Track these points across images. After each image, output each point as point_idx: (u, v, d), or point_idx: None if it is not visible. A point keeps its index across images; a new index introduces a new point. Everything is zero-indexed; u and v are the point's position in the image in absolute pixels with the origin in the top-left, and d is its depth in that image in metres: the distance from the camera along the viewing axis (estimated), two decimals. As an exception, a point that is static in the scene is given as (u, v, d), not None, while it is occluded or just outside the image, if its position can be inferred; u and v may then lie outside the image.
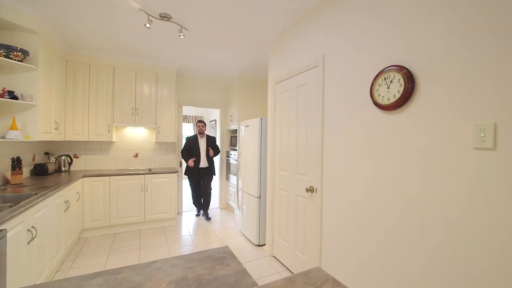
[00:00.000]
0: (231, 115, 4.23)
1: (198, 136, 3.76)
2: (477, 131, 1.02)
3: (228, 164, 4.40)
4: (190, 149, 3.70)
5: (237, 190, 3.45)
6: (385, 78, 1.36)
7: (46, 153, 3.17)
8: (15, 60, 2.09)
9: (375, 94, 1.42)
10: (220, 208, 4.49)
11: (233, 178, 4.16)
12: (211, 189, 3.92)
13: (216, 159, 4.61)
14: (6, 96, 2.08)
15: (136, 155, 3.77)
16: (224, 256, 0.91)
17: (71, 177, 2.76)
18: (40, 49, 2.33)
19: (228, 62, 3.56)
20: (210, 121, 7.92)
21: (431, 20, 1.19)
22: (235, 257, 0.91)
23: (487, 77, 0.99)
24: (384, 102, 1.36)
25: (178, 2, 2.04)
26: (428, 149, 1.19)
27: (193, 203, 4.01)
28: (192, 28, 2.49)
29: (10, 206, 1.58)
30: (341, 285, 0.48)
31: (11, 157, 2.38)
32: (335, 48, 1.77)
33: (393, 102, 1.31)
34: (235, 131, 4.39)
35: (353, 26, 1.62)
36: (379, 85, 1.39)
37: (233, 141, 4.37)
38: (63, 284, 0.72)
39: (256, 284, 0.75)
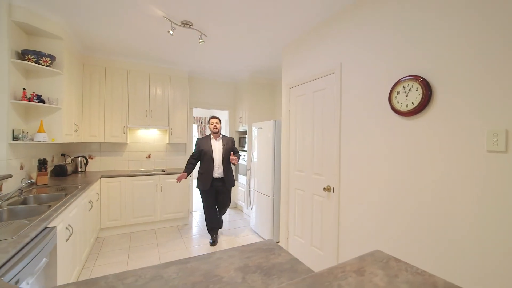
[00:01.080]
0: (240, 117, 4.34)
1: (211, 136, 2.90)
2: (490, 136, 1.15)
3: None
4: (201, 154, 2.85)
5: (249, 190, 3.56)
6: (403, 87, 1.49)
7: (63, 155, 3.25)
8: (43, 65, 2.18)
9: (394, 101, 1.54)
10: (229, 208, 4.60)
11: (242, 178, 4.27)
12: (229, 203, 3.07)
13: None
14: (35, 100, 2.17)
15: (149, 156, 3.86)
16: (273, 247, 1.03)
17: (90, 178, 2.84)
18: (64, 54, 2.42)
19: (239, 65, 3.67)
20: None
21: (446, 34, 1.32)
22: (282, 248, 1.02)
23: (499, 87, 1.13)
24: (403, 108, 1.49)
25: (200, 10, 2.15)
26: (444, 152, 1.32)
27: (207, 226, 3.00)
28: (210, 34, 2.60)
29: (49, 206, 1.67)
30: (402, 261, 0.59)
31: (35, 158, 2.46)
32: (353, 56, 1.89)
33: (411, 109, 1.44)
34: (243, 132, 4.50)
35: (371, 36, 1.74)
36: (398, 92, 1.52)
37: (241, 142, 4.49)
38: (143, 272, 0.83)
39: (310, 269, 0.86)
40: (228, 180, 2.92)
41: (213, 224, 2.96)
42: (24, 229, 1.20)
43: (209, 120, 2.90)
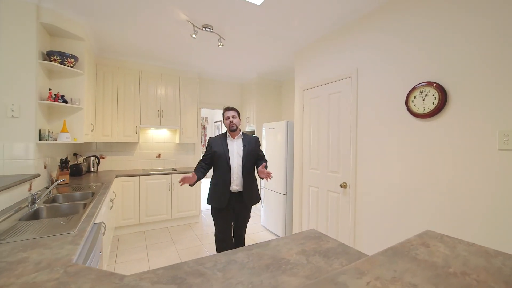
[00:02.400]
0: (248, 117, 4.45)
1: (227, 134, 2.06)
2: (501, 136, 1.32)
3: (242, 163, 4.61)
4: (213, 158, 2.02)
5: (260, 188, 3.68)
6: (420, 92, 1.64)
7: (75, 154, 3.26)
8: (68, 66, 2.21)
9: (411, 105, 1.70)
10: (235, 206, 4.70)
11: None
12: (248, 219, 2.15)
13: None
14: (59, 100, 2.20)
15: (159, 156, 3.91)
16: (319, 235, 1.15)
17: (106, 177, 2.88)
18: (85, 55, 2.45)
19: (248, 67, 3.77)
20: (215, 122, 8.08)
21: (459, 43, 1.48)
22: (328, 235, 1.15)
23: (508, 92, 1.29)
24: (420, 111, 1.65)
25: (221, 15, 2.24)
26: (459, 150, 1.48)
27: (217, 251, 2.13)
28: (228, 37, 2.69)
29: (85, 204, 1.73)
30: (453, 237, 0.73)
31: (53, 158, 2.49)
32: (369, 62, 2.04)
33: (428, 112, 1.60)
34: (250, 132, 4.61)
35: (387, 44, 1.90)
36: (415, 97, 1.68)
37: (247, 142, 4.59)
38: (217, 258, 0.93)
39: (360, 252, 0.99)
40: (250, 197, 1.98)
41: (226, 247, 2.00)
42: (79, 224, 1.27)
43: (223, 114, 2.07)
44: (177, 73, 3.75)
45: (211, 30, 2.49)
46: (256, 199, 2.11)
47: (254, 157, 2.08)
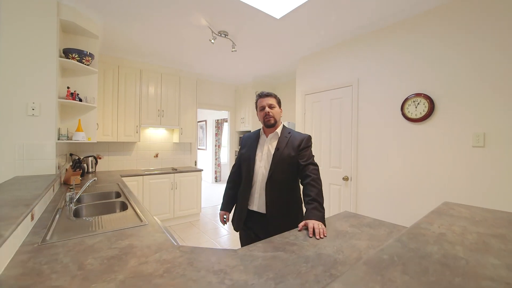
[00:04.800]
0: (243, 118, 4.64)
1: (261, 131, 1.50)
2: (474, 136, 1.77)
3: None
4: (242, 164, 1.52)
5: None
6: (413, 101, 2.06)
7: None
8: (85, 64, 2.18)
9: (406, 111, 2.11)
10: (229, 203, 4.85)
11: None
12: None
13: (224, 156, 4.83)
14: (76, 99, 2.16)
15: (156, 155, 3.88)
16: (354, 214, 1.44)
17: (112, 177, 2.83)
18: (98, 53, 2.42)
19: (247, 70, 3.97)
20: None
21: (443, 64, 1.91)
22: (361, 214, 1.44)
23: (480, 104, 1.74)
24: (413, 116, 2.06)
25: (239, 23, 2.41)
26: (444, 147, 1.92)
27: None
28: (239, 44, 2.87)
29: (123, 203, 1.78)
30: (468, 205, 1.06)
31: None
32: (369, 73, 2.42)
33: (420, 117, 2.01)
34: (244, 132, 4.80)
35: (386, 58, 2.29)
36: (409, 105, 2.09)
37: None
38: (295, 234, 1.15)
39: (390, 223, 1.30)
40: (277, 225, 1.31)
41: None
42: (144, 218, 1.37)
43: (256, 102, 1.46)
44: (177, 73, 3.78)
45: (226, 36, 2.65)
46: (290, 223, 1.27)
47: (292, 166, 1.37)
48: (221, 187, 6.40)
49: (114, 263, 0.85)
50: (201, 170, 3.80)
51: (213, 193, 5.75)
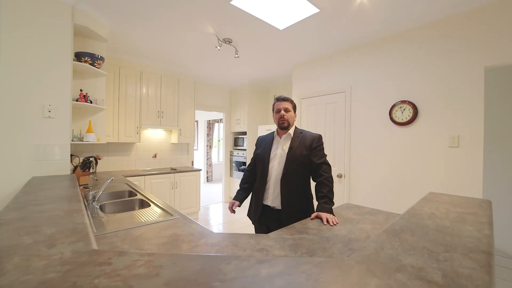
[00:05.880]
0: (238, 119, 4.80)
1: (275, 133, 1.66)
2: (450, 138, 2.08)
3: (231, 161, 4.94)
4: (257, 163, 1.68)
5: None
6: (400, 107, 2.35)
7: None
8: (96, 67, 2.25)
9: (393, 116, 2.40)
10: (225, 202, 4.99)
11: (236, 174, 4.76)
12: None
13: (215, 156, 4.94)
14: (88, 101, 2.22)
15: (155, 156, 3.94)
16: (355, 206, 1.67)
17: (116, 177, 2.88)
18: (106, 55, 2.48)
19: (244, 72, 4.14)
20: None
21: (425, 75, 2.22)
22: (360, 205, 1.68)
23: (455, 110, 2.07)
24: (399, 120, 2.36)
25: (243, 32, 2.58)
26: (425, 147, 2.23)
27: None
28: (240, 49, 3.04)
29: (141, 200, 1.89)
30: (449, 194, 1.33)
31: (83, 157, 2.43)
32: (361, 81, 2.70)
33: (405, 121, 2.31)
34: (239, 133, 4.97)
35: (377, 67, 2.58)
36: (396, 110, 2.38)
37: (236, 142, 4.94)
38: (307, 221, 1.35)
39: (386, 212, 1.55)
40: (288, 217, 1.45)
41: None
42: (171, 211, 1.51)
43: (273, 105, 1.61)
44: (176, 75, 3.87)
45: (230, 43, 2.81)
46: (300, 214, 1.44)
47: (304, 164, 1.52)
48: (213, 187, 6.51)
49: (170, 247, 1.00)
50: (199, 170, 3.92)
51: (205, 193, 5.84)
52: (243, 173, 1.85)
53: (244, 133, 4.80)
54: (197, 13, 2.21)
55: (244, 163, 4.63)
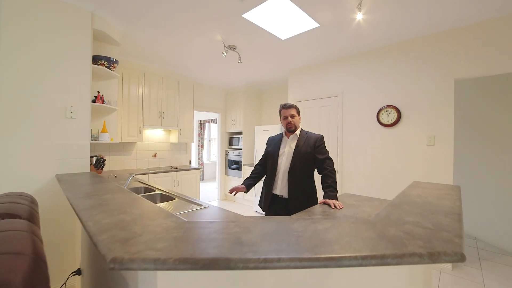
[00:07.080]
0: (233, 119, 5.00)
1: (283, 133, 1.93)
2: (428, 138, 2.47)
3: (226, 160, 5.13)
4: (267, 159, 1.94)
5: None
6: (386, 111, 2.71)
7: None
8: (112, 70, 2.36)
9: (380, 118, 2.76)
10: (220, 200, 5.17)
11: (231, 172, 4.96)
12: None
13: (205, 156, 5.09)
14: (105, 102, 2.33)
15: (155, 155, 4.04)
16: (352, 194, 1.97)
17: (123, 176, 2.98)
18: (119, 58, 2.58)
19: (241, 75, 4.35)
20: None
21: (408, 82, 2.60)
22: (357, 194, 1.98)
23: (431, 114, 2.45)
24: (386, 122, 2.72)
25: (248, 40, 2.81)
26: (407, 145, 2.60)
27: None
28: (243, 55, 3.26)
29: (161, 195, 2.06)
30: (430, 183, 1.66)
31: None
32: (352, 87, 3.04)
33: (391, 123, 2.67)
34: (234, 133, 5.17)
35: (366, 75, 2.92)
36: (383, 113, 2.74)
37: (231, 142, 5.14)
38: (314, 208, 1.62)
39: (379, 198, 1.86)
40: (296, 207, 1.67)
41: None
42: (195, 202, 1.70)
43: (280, 112, 1.87)
44: (176, 77, 3.99)
45: (235, 49, 3.02)
46: (304, 205, 1.69)
47: (309, 160, 1.77)
48: (206, 186, 6.64)
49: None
50: (199, 169, 4.08)
51: (200, 191, 5.97)
52: (237, 171, 2.04)
53: (240, 133, 5.01)
54: (210, 22, 2.40)
55: (237, 162, 4.83)
